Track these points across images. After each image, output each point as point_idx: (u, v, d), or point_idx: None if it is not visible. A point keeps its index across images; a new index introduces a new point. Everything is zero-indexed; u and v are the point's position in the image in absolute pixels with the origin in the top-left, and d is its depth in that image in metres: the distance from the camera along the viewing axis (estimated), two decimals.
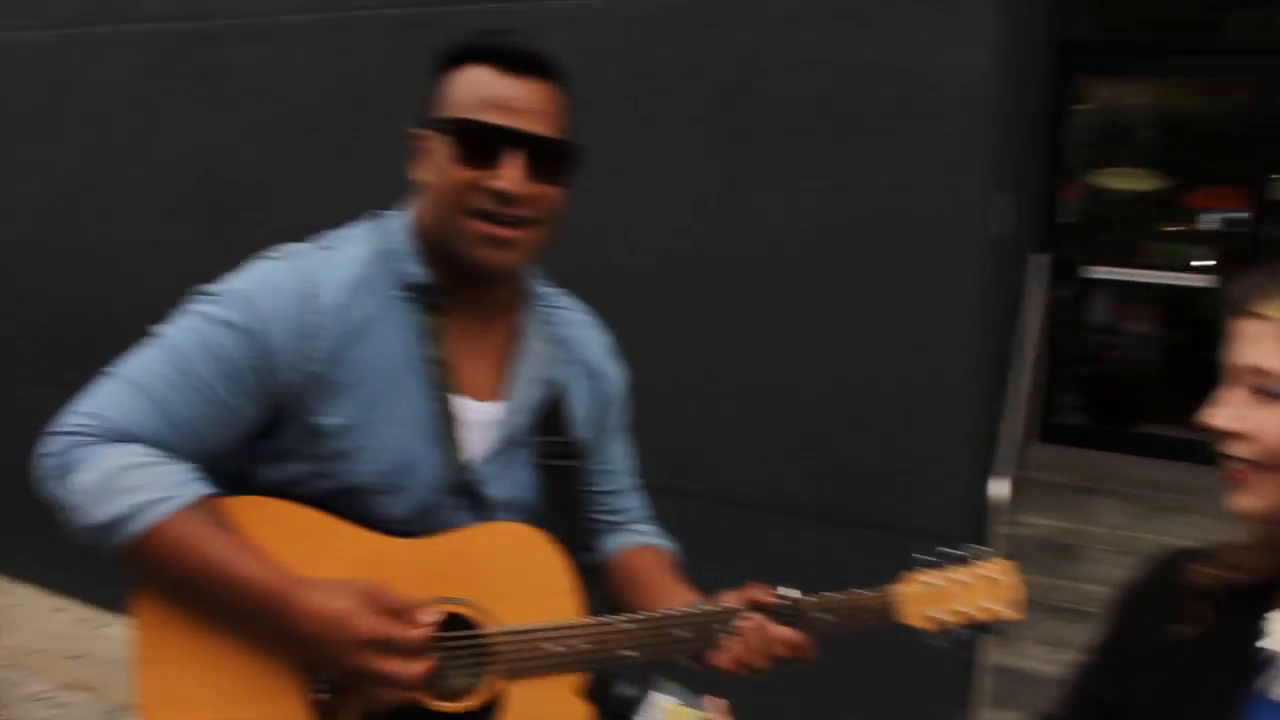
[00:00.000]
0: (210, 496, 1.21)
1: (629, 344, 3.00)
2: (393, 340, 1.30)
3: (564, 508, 1.41)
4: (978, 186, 2.61)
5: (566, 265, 3.02)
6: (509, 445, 1.36)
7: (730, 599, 1.35)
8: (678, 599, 1.41)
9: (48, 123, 4.51)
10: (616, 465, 1.54)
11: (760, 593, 1.34)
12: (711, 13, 2.92)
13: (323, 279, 1.27)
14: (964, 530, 2.66)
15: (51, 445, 1.20)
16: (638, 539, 1.52)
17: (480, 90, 1.25)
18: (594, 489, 1.50)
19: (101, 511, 1.16)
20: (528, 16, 3.18)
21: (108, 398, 1.22)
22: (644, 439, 3.00)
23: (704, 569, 2.94)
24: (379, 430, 1.28)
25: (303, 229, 1.37)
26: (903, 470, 2.70)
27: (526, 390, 1.37)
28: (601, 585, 1.43)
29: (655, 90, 3.00)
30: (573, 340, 1.46)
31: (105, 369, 1.24)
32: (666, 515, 3.00)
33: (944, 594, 1.29)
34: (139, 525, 1.16)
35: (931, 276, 2.66)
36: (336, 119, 3.60)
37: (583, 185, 3.19)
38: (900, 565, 1.30)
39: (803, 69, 2.79)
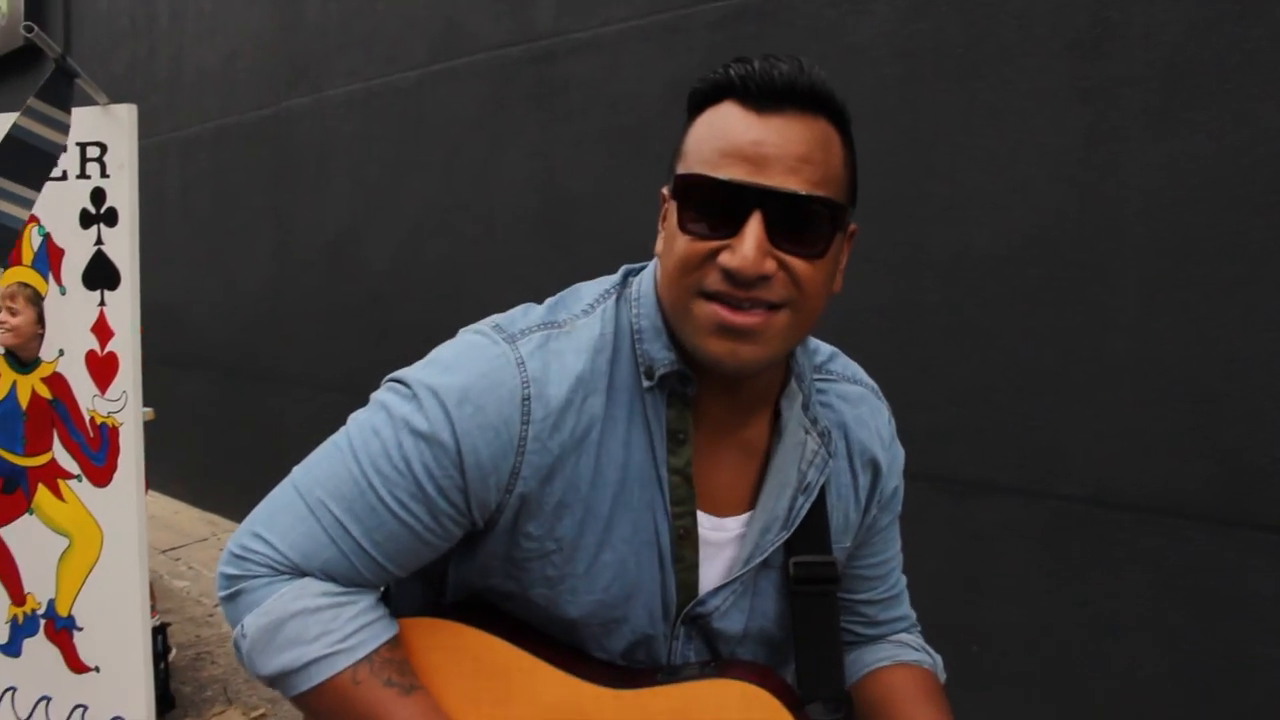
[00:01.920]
0: (392, 642, 1.06)
1: (983, 333, 2.77)
2: (626, 446, 1.06)
3: (814, 642, 1.13)
4: None
5: (917, 252, 2.87)
6: (752, 568, 1.12)
7: None
8: None
9: (405, 159, 4.82)
10: (885, 569, 1.27)
11: None
12: None
13: (546, 374, 1.04)
14: None
15: (227, 568, 1.07)
16: (898, 654, 1.25)
17: (717, 136, 0.98)
18: (854, 597, 1.26)
19: (270, 662, 1.05)
20: None
21: (285, 519, 1.07)
22: (996, 436, 2.76)
23: (1067, 579, 2.64)
24: (598, 556, 1.07)
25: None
26: None
27: (779, 500, 1.12)
28: None
29: (1002, 49, 2.71)
30: (846, 427, 1.18)
31: (290, 473, 1.10)
32: (1021, 520, 2.74)
33: None
34: (308, 683, 1.04)
35: None
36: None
37: (930, 163, 2.95)
38: None
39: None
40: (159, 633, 3.46)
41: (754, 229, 0.94)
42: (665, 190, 1.06)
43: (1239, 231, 2.34)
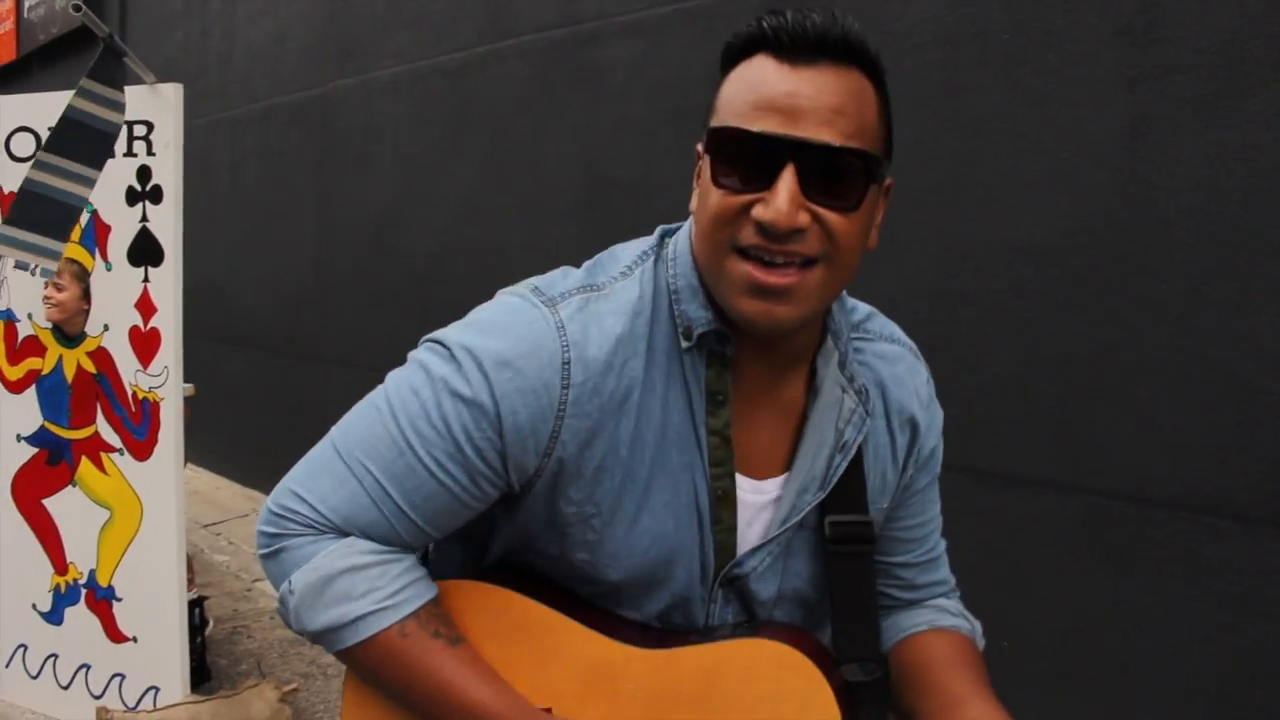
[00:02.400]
0: (435, 599, 1.09)
1: (1024, 324, 2.73)
2: (664, 408, 1.06)
3: (849, 603, 1.13)
4: None
5: (958, 241, 2.83)
6: (790, 529, 1.12)
7: None
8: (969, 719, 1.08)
9: (450, 141, 4.84)
10: (923, 531, 1.26)
11: None
12: None
13: (585, 338, 1.03)
14: None
15: (268, 526, 1.08)
16: (936, 619, 1.24)
17: (751, 89, 0.97)
18: (891, 560, 1.24)
19: (318, 618, 1.06)
20: None
21: (326, 480, 1.08)
22: (1034, 429, 2.72)
23: (1103, 576, 2.60)
24: (637, 520, 1.07)
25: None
26: None
27: (816, 460, 1.11)
28: (884, 699, 1.12)
29: (1048, 35, 2.67)
30: (884, 386, 1.17)
31: (329, 432, 1.12)
32: (1058, 515, 2.70)
33: None
34: (355, 638, 1.05)
35: None
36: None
37: (973, 151, 2.91)
38: None
39: None
40: (196, 606, 3.51)
41: (787, 181, 0.93)
42: (699, 146, 1.05)
43: None
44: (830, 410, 1.11)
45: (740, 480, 1.10)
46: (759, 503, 1.11)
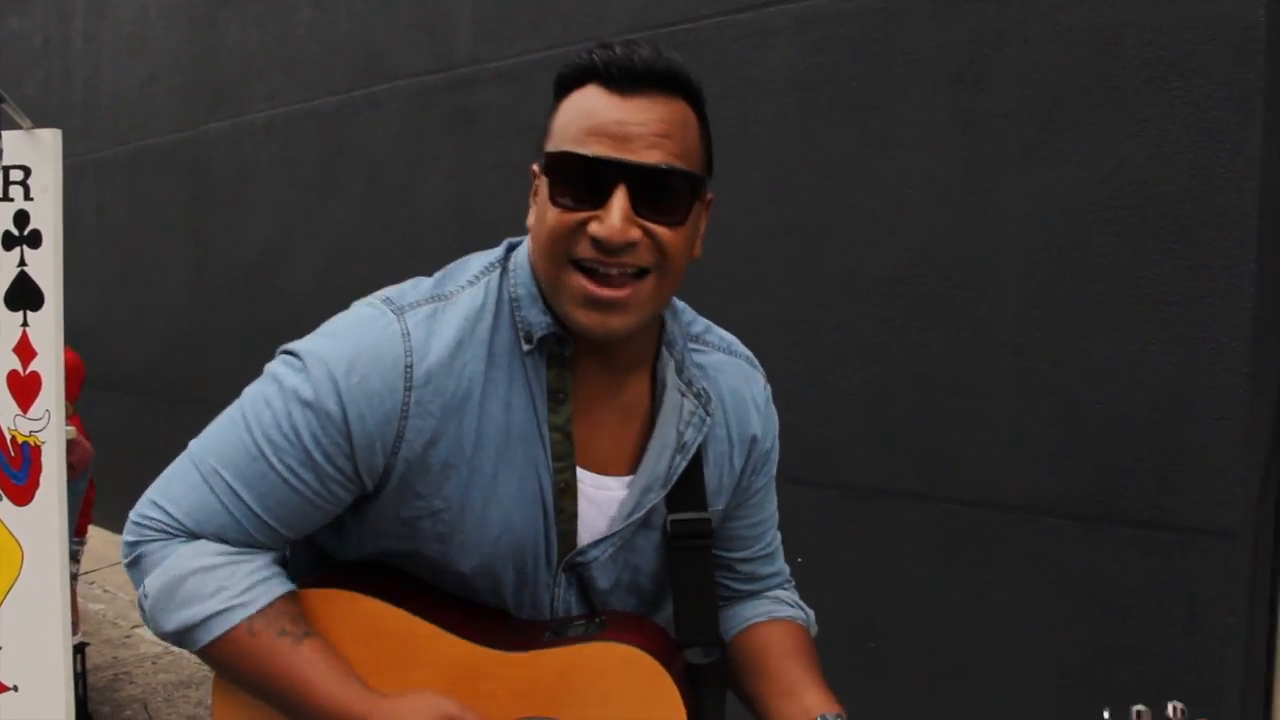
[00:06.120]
0: (286, 596, 1.12)
1: (878, 348, 2.95)
2: (506, 406, 1.13)
3: (690, 592, 1.21)
4: (1254, 149, 2.37)
5: (815, 271, 3.04)
6: (632, 524, 1.19)
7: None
8: (803, 704, 1.19)
9: (327, 182, 4.89)
10: (761, 528, 1.34)
11: None
12: None
13: (427, 343, 1.10)
14: (1245, 530, 2.40)
15: (128, 535, 1.13)
16: (773, 610, 1.33)
17: (583, 116, 1.05)
18: (731, 555, 1.32)
19: (171, 619, 1.10)
20: (756, 25, 3.18)
21: (180, 487, 1.13)
22: (891, 444, 2.94)
23: (959, 577, 2.83)
24: (485, 513, 1.13)
25: None
26: (1175, 465, 2.47)
27: (659, 460, 1.18)
28: (722, 679, 1.21)
29: (892, 83, 2.91)
30: (720, 393, 1.24)
31: (186, 442, 1.16)
32: (916, 522, 2.92)
33: None
34: (207, 637, 1.09)
35: (1200, 254, 2.43)
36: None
37: (826, 189, 3.16)
38: (1175, 568, 1.10)
39: (1045, 40, 2.64)
40: (78, 652, 3.47)
41: (619, 200, 1.02)
42: (535, 167, 1.13)
43: (1105, 252, 2.56)
44: (672, 413, 1.19)
45: (582, 474, 1.17)
46: (602, 498, 1.18)
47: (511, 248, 1.25)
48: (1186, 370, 2.45)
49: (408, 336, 1.10)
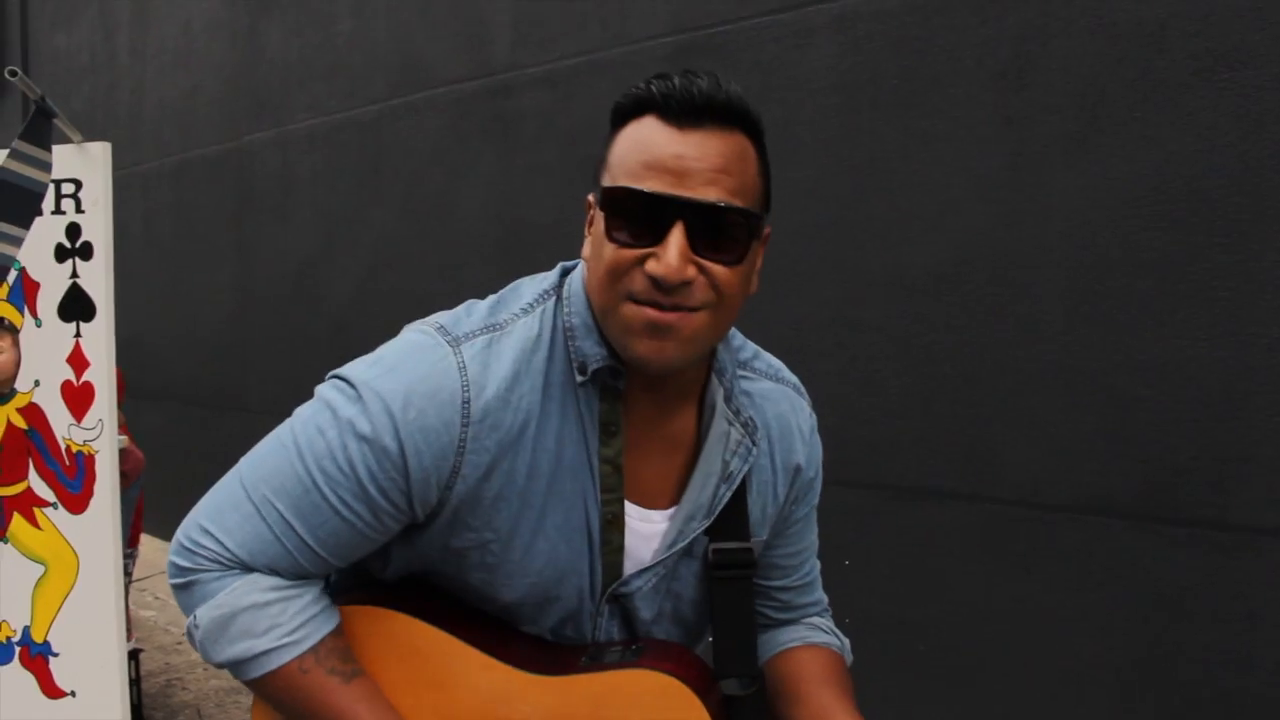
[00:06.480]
0: (336, 631, 1.13)
1: (922, 347, 2.93)
2: (559, 440, 1.12)
3: (730, 623, 1.20)
4: None
5: (858, 271, 3.03)
6: (675, 553, 1.18)
7: None
8: None
9: (366, 191, 4.94)
10: (800, 557, 1.33)
11: None
12: None
13: (485, 377, 1.09)
14: None
15: (178, 559, 1.13)
16: (809, 636, 1.32)
17: (642, 150, 1.03)
18: (770, 584, 1.31)
19: (223, 652, 1.11)
20: (795, 25, 3.18)
21: (234, 517, 1.11)
22: (936, 444, 2.92)
23: (1006, 577, 2.80)
24: (533, 544, 1.13)
25: None
26: (1229, 462, 2.43)
27: (704, 490, 1.17)
28: (760, 713, 1.20)
29: (933, 80, 2.89)
30: (767, 421, 1.23)
31: (237, 465, 1.16)
32: (962, 523, 2.90)
33: None
34: (258, 672, 1.10)
35: (1250, 248, 2.39)
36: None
37: (868, 188, 3.14)
38: (1232, 567, 1.10)
39: (1089, 34, 2.61)
40: (132, 658, 3.52)
41: (676, 238, 1.00)
42: (591, 198, 1.12)
43: (1152, 247, 2.53)
44: (718, 442, 1.17)
45: (629, 507, 1.16)
46: (647, 530, 1.17)
47: (565, 272, 1.22)
48: (1239, 366, 2.41)
49: (464, 369, 1.09)
